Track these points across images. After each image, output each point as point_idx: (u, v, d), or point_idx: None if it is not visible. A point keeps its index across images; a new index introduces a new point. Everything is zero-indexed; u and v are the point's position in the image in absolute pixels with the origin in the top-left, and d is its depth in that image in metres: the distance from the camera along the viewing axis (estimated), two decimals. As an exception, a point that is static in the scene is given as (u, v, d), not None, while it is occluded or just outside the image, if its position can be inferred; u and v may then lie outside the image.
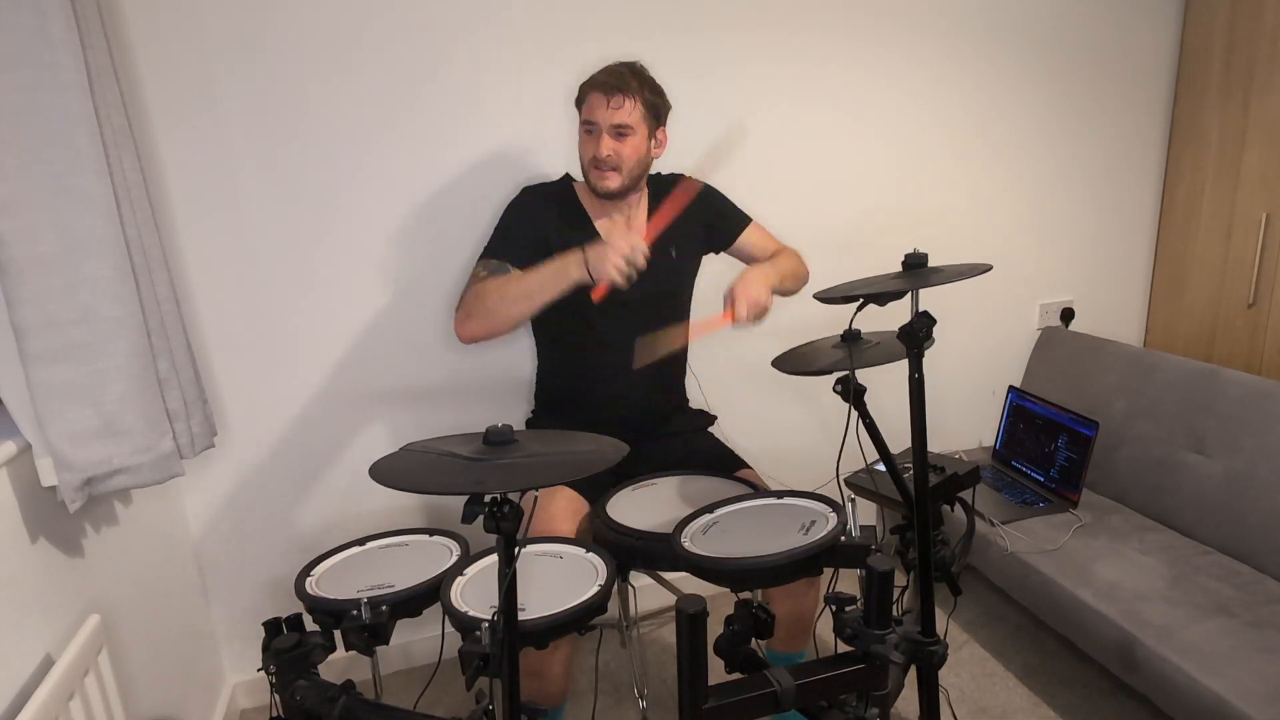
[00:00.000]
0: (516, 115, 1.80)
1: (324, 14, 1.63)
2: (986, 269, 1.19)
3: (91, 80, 1.15)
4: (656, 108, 1.52)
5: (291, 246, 1.72)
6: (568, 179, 1.67)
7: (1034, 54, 2.21)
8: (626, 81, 1.47)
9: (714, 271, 1.82)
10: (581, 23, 1.79)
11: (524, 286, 1.46)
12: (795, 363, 1.36)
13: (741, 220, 1.76)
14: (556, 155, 1.83)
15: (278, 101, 1.64)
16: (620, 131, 1.48)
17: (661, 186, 1.68)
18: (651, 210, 1.65)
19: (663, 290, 1.65)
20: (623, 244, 1.38)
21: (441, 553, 1.38)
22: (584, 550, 1.30)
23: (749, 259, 1.76)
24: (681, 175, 1.74)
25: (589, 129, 1.50)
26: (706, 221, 1.71)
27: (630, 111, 1.47)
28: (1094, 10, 2.23)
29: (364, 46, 1.67)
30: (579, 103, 1.53)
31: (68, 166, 1.10)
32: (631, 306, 1.58)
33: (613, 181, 1.51)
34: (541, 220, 1.59)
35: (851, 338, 1.35)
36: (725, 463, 1.65)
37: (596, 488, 1.54)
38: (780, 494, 1.40)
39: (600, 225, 1.61)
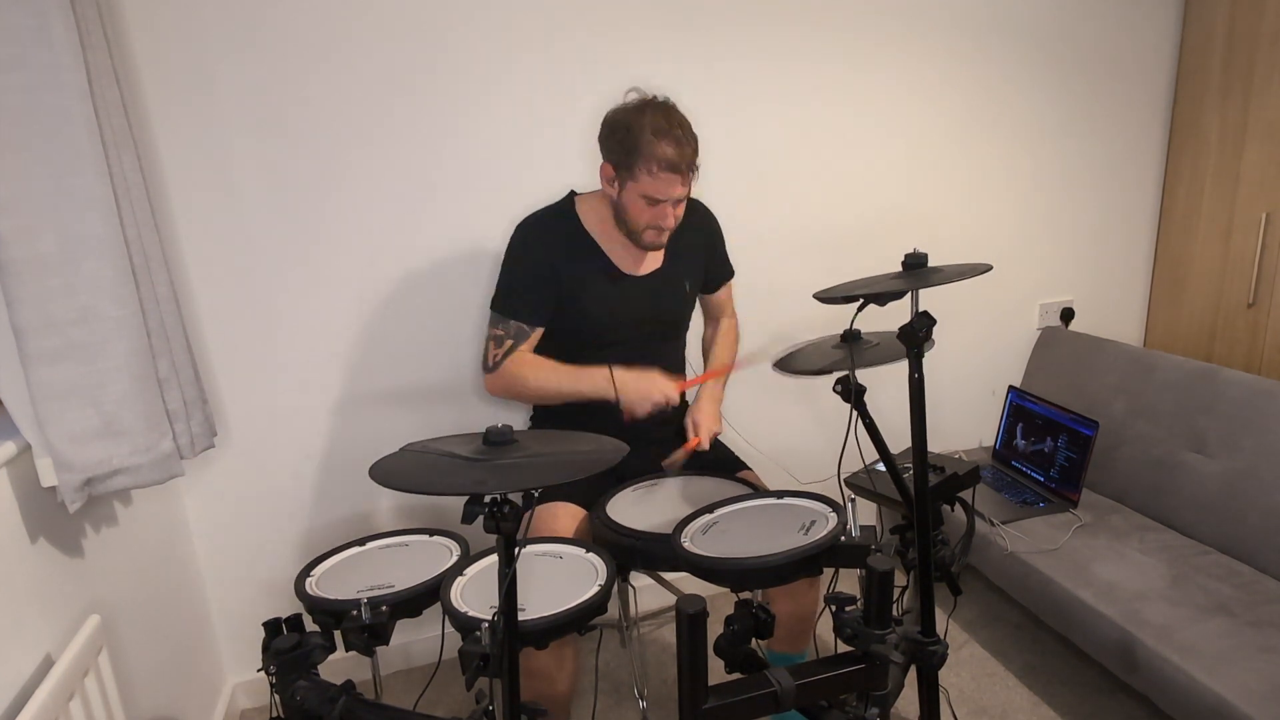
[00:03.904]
0: (519, 106, 1.80)
1: (324, 15, 1.63)
2: (986, 269, 1.19)
3: (91, 80, 1.15)
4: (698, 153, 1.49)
5: (291, 246, 1.72)
6: (570, 199, 1.63)
7: (1034, 53, 2.21)
8: (690, 153, 1.43)
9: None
10: (578, 14, 1.79)
11: (560, 390, 1.54)
12: (796, 363, 1.36)
13: (728, 272, 1.82)
14: (560, 152, 1.83)
15: (278, 101, 1.64)
16: (680, 200, 1.48)
17: None
18: None
19: (673, 319, 1.71)
20: (659, 396, 1.50)
21: (441, 553, 1.38)
22: (584, 550, 1.30)
23: (708, 308, 1.87)
24: (699, 203, 1.73)
25: (652, 201, 1.45)
26: (708, 258, 1.75)
27: (694, 178, 1.48)
28: (1094, 9, 2.23)
29: (364, 45, 1.67)
30: (630, 167, 1.43)
31: (68, 166, 1.11)
32: (643, 332, 1.63)
33: (666, 238, 1.53)
34: (550, 259, 1.56)
35: (852, 338, 1.35)
36: (724, 465, 1.65)
37: (595, 490, 1.54)
38: (780, 494, 1.40)
39: (610, 250, 1.59)
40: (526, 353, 1.57)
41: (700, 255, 1.72)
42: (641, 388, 1.50)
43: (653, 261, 1.63)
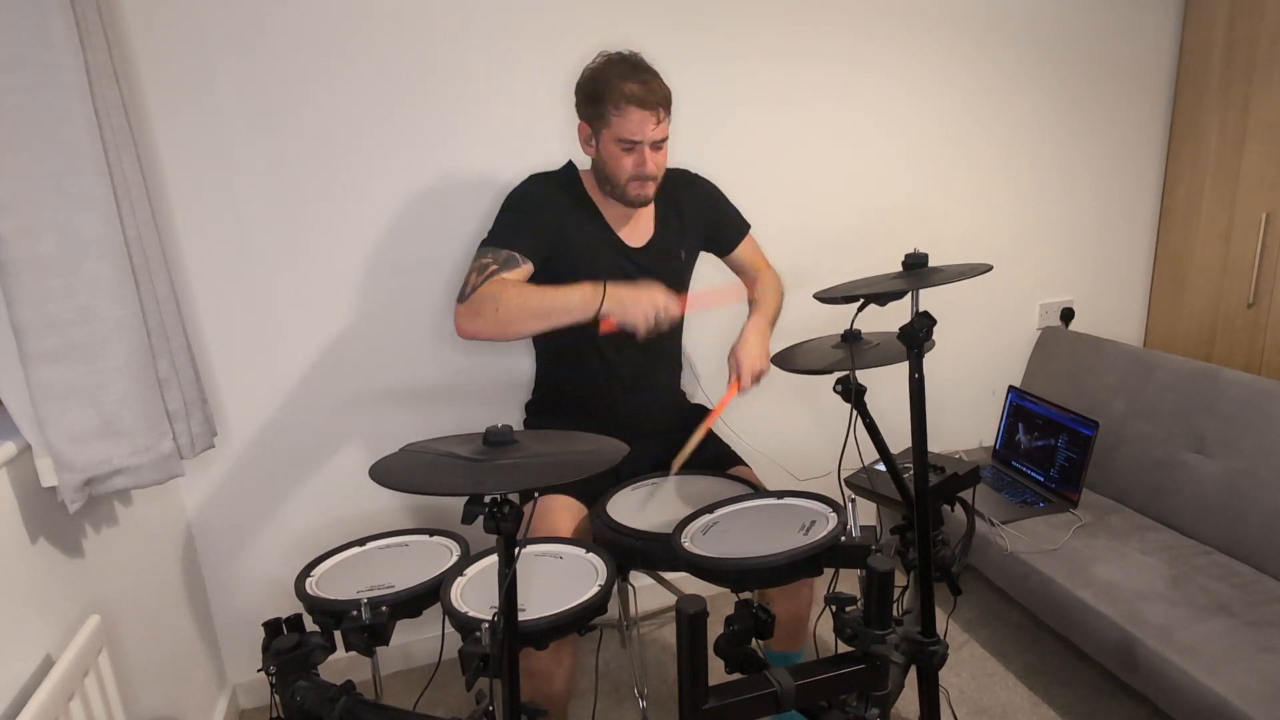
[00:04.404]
0: (513, 105, 1.80)
1: (324, 15, 1.63)
2: (987, 269, 1.19)
3: (91, 80, 1.15)
4: (671, 104, 1.47)
5: (291, 246, 1.72)
6: (572, 167, 1.62)
7: (1035, 54, 2.21)
8: (659, 92, 1.41)
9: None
10: (579, 12, 1.79)
11: (543, 304, 1.38)
12: (796, 360, 1.36)
13: (742, 229, 1.77)
14: (554, 144, 1.83)
15: (277, 99, 1.64)
16: (659, 145, 1.45)
17: (668, 180, 1.64)
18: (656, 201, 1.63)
19: (669, 291, 1.66)
20: (659, 298, 1.36)
21: (441, 553, 1.38)
22: (584, 550, 1.30)
23: (738, 269, 1.80)
24: (692, 173, 1.72)
25: (627, 146, 1.43)
26: (711, 223, 1.72)
27: (668, 123, 1.45)
28: (1094, 10, 2.23)
29: (361, 44, 1.67)
30: (602, 114, 1.43)
31: (68, 166, 1.11)
32: None
33: (651, 190, 1.49)
34: (553, 210, 1.53)
35: (852, 338, 1.35)
36: (719, 460, 1.65)
37: (595, 489, 1.54)
38: (780, 494, 1.40)
39: (611, 218, 1.58)
40: (507, 277, 1.44)
41: (698, 220, 1.68)
42: (636, 296, 1.36)
43: (644, 234, 1.61)
